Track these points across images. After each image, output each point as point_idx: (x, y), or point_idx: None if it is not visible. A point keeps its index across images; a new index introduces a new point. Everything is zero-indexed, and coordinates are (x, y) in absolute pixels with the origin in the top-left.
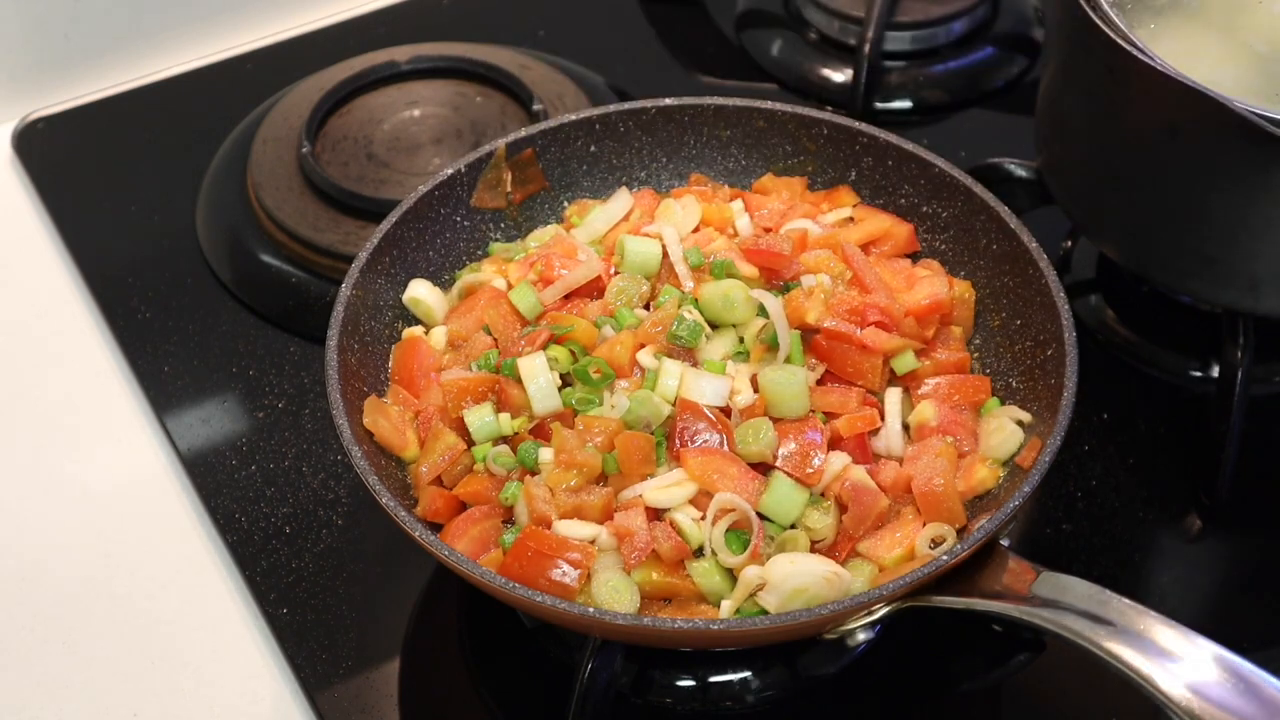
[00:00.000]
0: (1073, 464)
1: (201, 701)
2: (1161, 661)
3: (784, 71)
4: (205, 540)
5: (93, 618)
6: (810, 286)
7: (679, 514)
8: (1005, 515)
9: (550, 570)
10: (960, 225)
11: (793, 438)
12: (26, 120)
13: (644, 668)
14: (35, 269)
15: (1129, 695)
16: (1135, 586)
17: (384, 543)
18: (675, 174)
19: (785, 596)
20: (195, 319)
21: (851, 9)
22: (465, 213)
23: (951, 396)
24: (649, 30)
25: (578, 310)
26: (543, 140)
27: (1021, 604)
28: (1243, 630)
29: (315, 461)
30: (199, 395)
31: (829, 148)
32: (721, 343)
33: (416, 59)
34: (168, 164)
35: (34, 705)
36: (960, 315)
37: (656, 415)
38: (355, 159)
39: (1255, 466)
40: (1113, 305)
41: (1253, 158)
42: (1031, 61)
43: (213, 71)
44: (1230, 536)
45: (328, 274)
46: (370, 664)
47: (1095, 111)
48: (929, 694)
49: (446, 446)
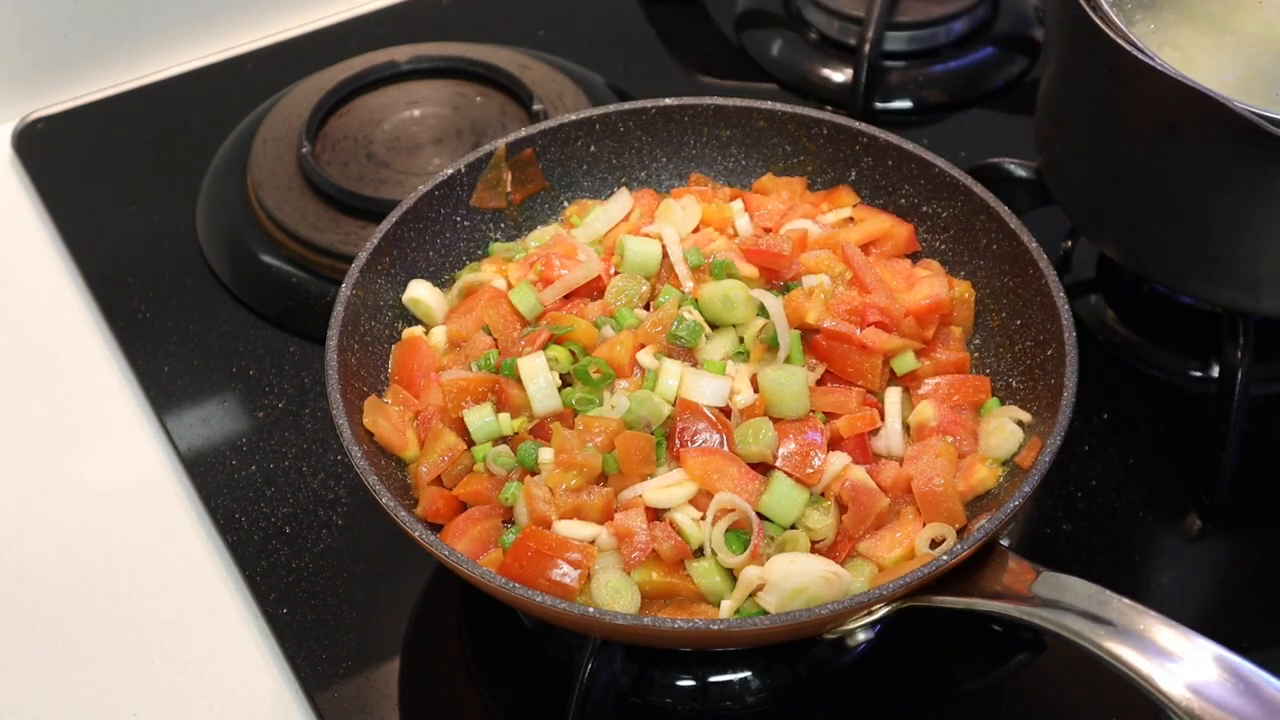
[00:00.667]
0: (1073, 464)
1: (201, 701)
2: (1161, 661)
3: (784, 71)
4: (205, 540)
5: (93, 618)
6: (810, 286)
7: (679, 514)
8: (1005, 515)
9: (550, 570)
10: (960, 225)
11: (793, 438)
12: (26, 120)
13: (644, 668)
14: (35, 269)
15: (1129, 695)
16: (1135, 586)
17: (384, 543)
18: (675, 174)
19: (785, 596)
20: (195, 319)
21: (851, 9)
22: (465, 213)
23: (951, 396)
24: (649, 30)
25: (578, 310)
26: (543, 140)
27: (1021, 604)
28: (1243, 630)
29: (315, 461)
30: (199, 395)
31: (829, 148)
32: (721, 343)
33: (416, 59)
34: (168, 164)
35: (34, 705)
36: (960, 315)
37: (656, 415)
38: (355, 159)
39: (1255, 466)
40: (1113, 305)
41: (1253, 158)
42: (1031, 61)
43: (213, 71)
44: (1230, 536)
45: (328, 274)
46: (370, 664)
47: (1095, 111)
48: (929, 694)
49: (446, 446)
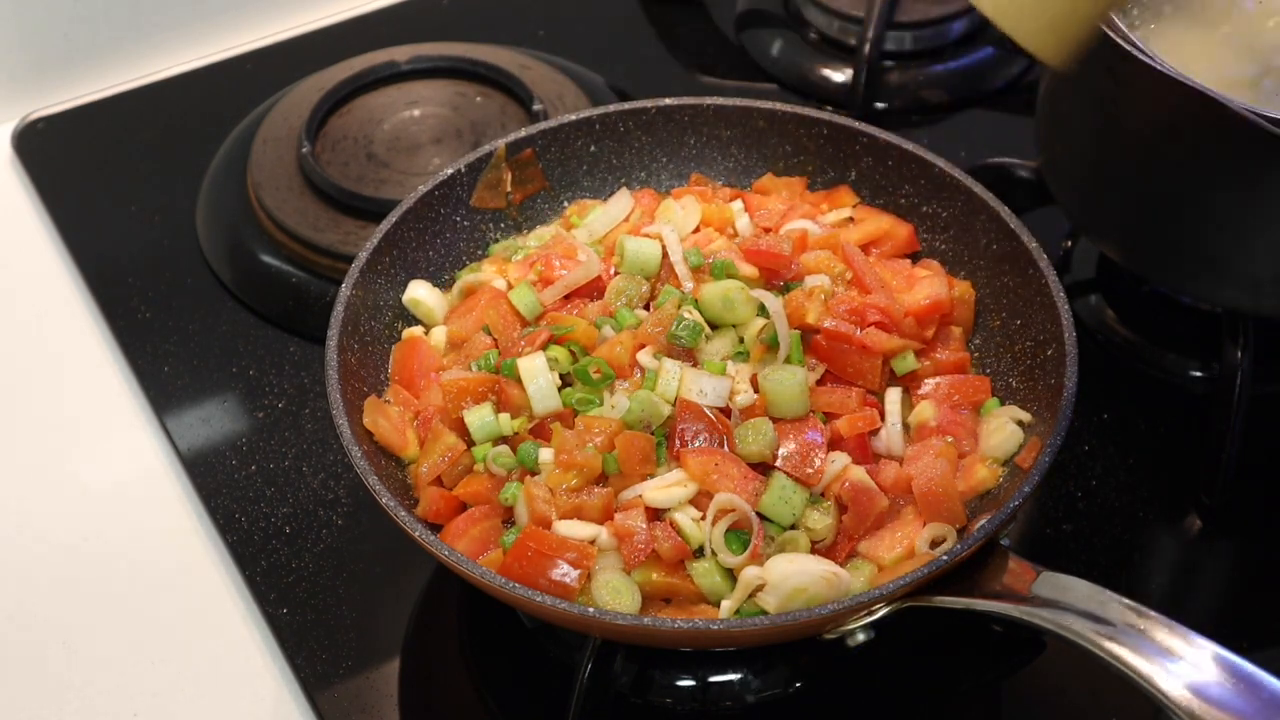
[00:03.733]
0: (1073, 464)
1: (201, 701)
2: (1161, 661)
3: (784, 71)
4: (205, 540)
5: (93, 618)
6: (810, 287)
7: (679, 514)
8: (1005, 515)
9: (550, 570)
10: (960, 225)
11: (793, 438)
12: (26, 120)
13: (644, 668)
14: (35, 269)
15: (1129, 695)
16: (1135, 586)
17: (384, 543)
18: (675, 174)
19: (784, 597)
20: (195, 319)
21: (851, 9)
22: (465, 213)
23: (951, 396)
24: (649, 30)
25: (578, 310)
26: (543, 140)
27: (1021, 604)
28: (1243, 630)
29: (315, 461)
30: (199, 395)
31: (829, 148)
32: (721, 343)
33: (416, 59)
34: (168, 164)
35: (34, 705)
36: (960, 315)
37: (656, 415)
38: (355, 159)
39: (1255, 466)
40: (1113, 305)
41: (1253, 158)
42: (1031, 61)
43: (213, 71)
44: (1230, 536)
45: (328, 274)
46: (370, 664)
47: (1095, 111)
48: (929, 694)
49: (446, 447)
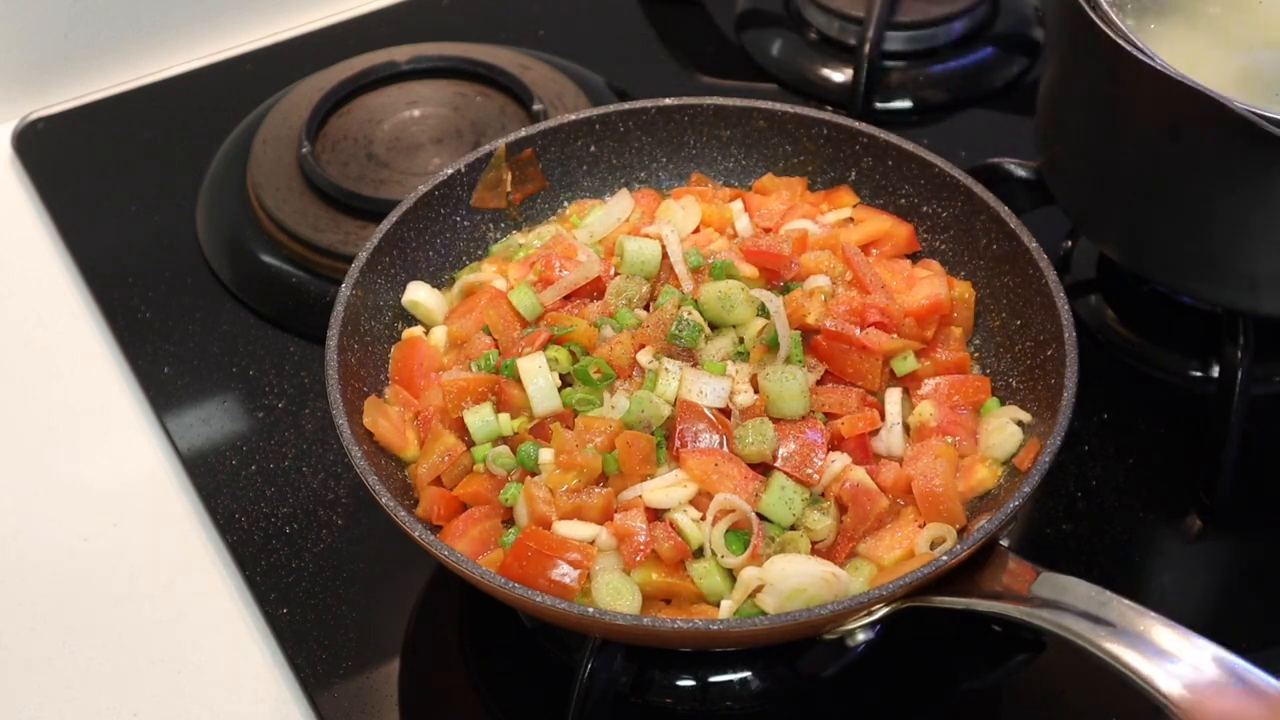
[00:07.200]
0: (1073, 464)
1: (201, 702)
2: (1161, 662)
3: (784, 71)
4: (205, 540)
5: (93, 618)
6: (810, 287)
7: (679, 514)
8: (1005, 515)
9: (550, 570)
10: (960, 225)
11: (793, 438)
12: (26, 120)
13: (644, 668)
14: (35, 269)
15: (1129, 695)
16: (1135, 586)
17: (384, 543)
18: (675, 174)
19: (784, 597)
20: (195, 319)
21: (851, 9)
22: (465, 213)
23: (951, 397)
24: (649, 30)
25: (578, 310)
26: (543, 140)
27: (1021, 604)
28: (1243, 630)
29: (315, 461)
30: (199, 395)
31: (829, 148)
32: (721, 343)
33: (416, 59)
34: (168, 164)
35: (34, 705)
36: (960, 315)
37: (656, 416)
38: (355, 159)
39: (1255, 466)
40: (1113, 305)
41: (1253, 158)
42: (1031, 61)
43: (213, 71)
44: (1230, 536)
45: (328, 274)
46: (370, 664)
47: (1095, 111)
48: (929, 694)
49: (446, 447)
